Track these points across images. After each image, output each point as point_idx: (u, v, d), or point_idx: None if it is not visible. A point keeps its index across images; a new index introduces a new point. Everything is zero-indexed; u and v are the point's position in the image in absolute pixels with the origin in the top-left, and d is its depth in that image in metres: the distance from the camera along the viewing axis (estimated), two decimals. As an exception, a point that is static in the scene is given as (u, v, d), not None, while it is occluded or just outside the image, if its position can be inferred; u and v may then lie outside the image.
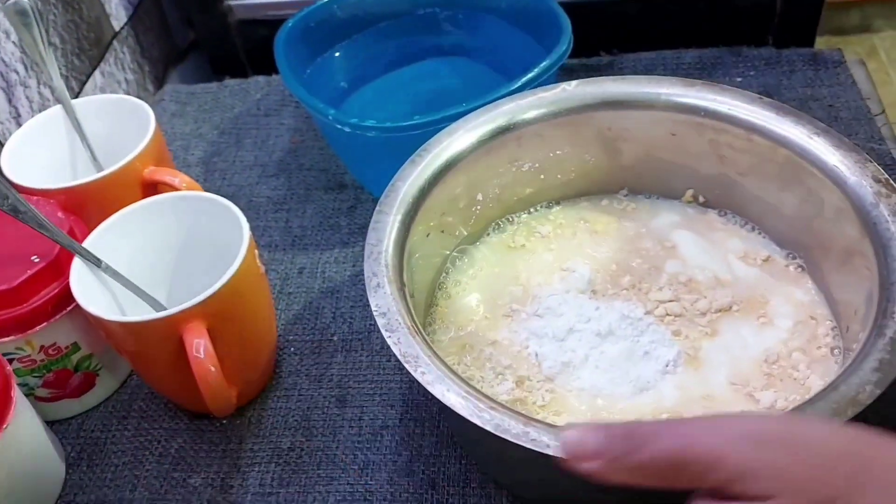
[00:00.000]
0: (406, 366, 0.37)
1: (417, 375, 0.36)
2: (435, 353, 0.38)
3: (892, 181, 0.44)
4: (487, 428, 0.34)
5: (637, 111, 0.51)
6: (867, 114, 0.67)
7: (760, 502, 0.27)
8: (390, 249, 0.43)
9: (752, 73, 0.71)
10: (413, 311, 0.41)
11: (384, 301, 0.40)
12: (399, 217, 0.45)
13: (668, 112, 0.51)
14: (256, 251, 0.49)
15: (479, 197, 0.53)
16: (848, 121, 0.66)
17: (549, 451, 0.33)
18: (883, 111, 0.68)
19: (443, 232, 0.51)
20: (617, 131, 0.53)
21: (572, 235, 0.54)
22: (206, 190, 0.67)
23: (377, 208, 0.46)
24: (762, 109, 0.48)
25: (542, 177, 0.54)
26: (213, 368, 0.43)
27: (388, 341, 0.38)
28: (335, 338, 0.56)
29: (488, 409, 0.35)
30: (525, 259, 0.53)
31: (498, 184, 0.53)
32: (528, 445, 0.33)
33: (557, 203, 0.56)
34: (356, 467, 0.48)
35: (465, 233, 0.53)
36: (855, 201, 0.44)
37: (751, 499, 0.27)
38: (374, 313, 0.39)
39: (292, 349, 0.56)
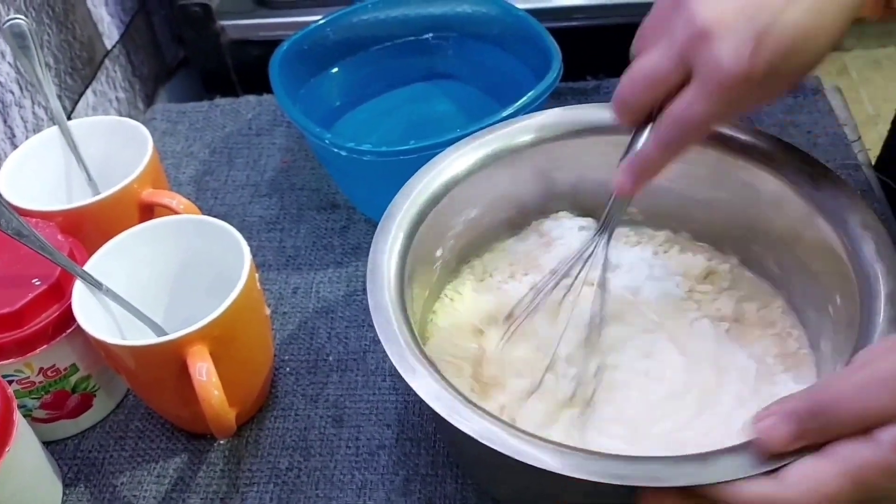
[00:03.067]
0: (434, 407, 0.38)
1: (452, 419, 0.37)
2: (458, 391, 0.39)
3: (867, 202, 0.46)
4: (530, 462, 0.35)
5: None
6: (844, 140, 0.69)
7: None
8: (392, 282, 0.45)
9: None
10: (422, 345, 0.42)
11: (398, 348, 0.41)
12: (395, 258, 0.46)
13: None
14: (256, 274, 0.50)
15: (460, 228, 0.54)
16: (826, 146, 0.68)
17: (595, 479, 0.34)
18: (859, 137, 0.71)
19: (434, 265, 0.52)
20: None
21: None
22: (199, 209, 0.68)
23: (374, 247, 0.46)
24: None
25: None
26: (216, 392, 0.44)
27: (409, 381, 0.39)
28: (330, 358, 0.57)
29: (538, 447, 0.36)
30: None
31: (478, 211, 0.54)
32: (576, 476, 0.35)
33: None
34: (354, 487, 0.49)
35: (451, 260, 0.54)
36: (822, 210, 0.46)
37: None
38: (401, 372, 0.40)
39: (288, 369, 0.56)
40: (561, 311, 0.49)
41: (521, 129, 0.53)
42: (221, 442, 0.52)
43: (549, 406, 0.46)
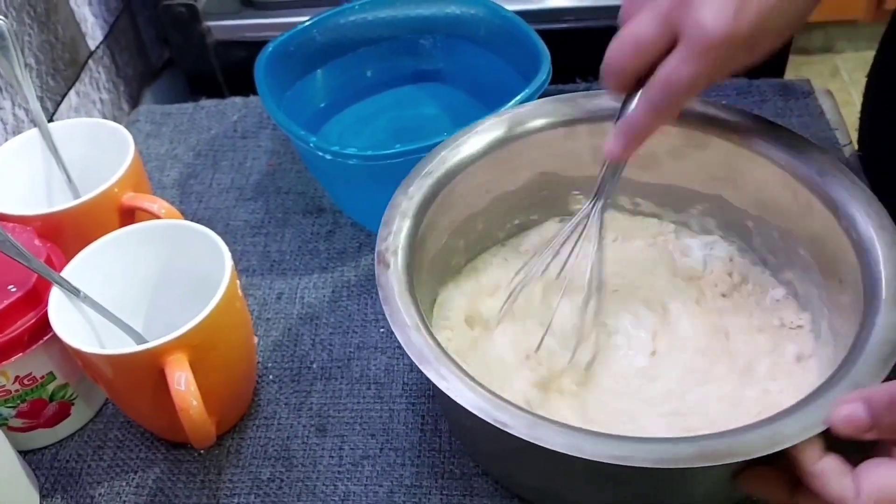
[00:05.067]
0: (465, 405, 0.38)
1: (474, 409, 0.37)
2: (482, 385, 0.39)
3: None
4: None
5: None
6: (835, 144, 0.68)
7: None
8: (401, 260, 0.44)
9: (724, 102, 0.72)
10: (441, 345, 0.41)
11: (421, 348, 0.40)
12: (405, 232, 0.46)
13: None
14: (238, 280, 0.49)
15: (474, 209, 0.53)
16: (817, 151, 0.68)
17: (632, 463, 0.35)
18: (850, 142, 0.70)
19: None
20: None
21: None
22: (182, 213, 0.67)
23: (379, 249, 0.45)
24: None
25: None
26: (195, 402, 0.43)
27: (438, 384, 0.39)
28: (314, 365, 0.56)
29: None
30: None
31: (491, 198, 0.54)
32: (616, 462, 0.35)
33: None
34: (336, 498, 0.48)
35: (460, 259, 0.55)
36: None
37: None
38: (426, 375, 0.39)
39: (271, 377, 0.55)
40: (557, 283, 0.50)
41: (537, 113, 0.53)
42: (202, 451, 0.51)
43: (544, 376, 0.47)
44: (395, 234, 0.45)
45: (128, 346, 0.45)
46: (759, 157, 0.49)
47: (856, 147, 0.70)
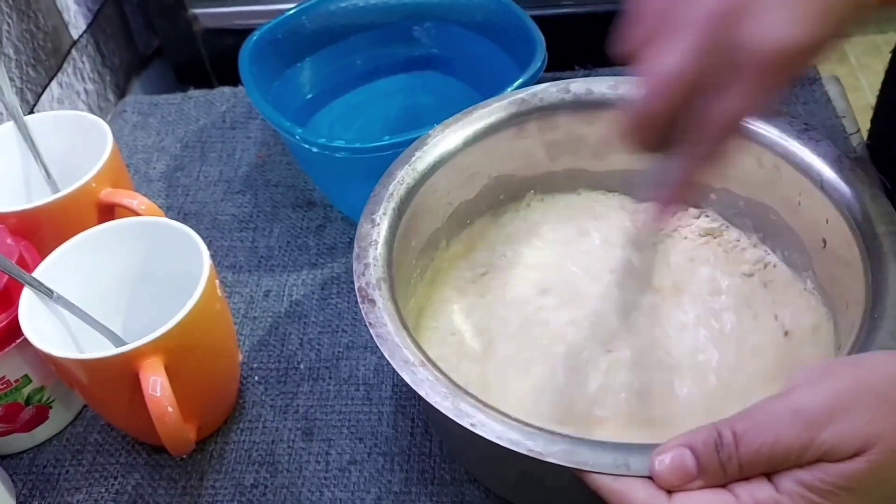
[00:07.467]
0: (455, 418, 0.36)
1: (465, 424, 0.35)
2: (469, 392, 0.37)
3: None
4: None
5: None
6: (842, 132, 0.66)
7: (858, 456, 0.29)
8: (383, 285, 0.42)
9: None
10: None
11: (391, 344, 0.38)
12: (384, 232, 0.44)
13: None
14: (217, 280, 0.47)
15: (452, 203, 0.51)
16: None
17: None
18: (858, 130, 0.68)
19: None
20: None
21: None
22: (168, 207, 0.65)
23: (357, 244, 0.44)
24: None
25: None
26: (170, 408, 0.41)
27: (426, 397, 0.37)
28: (302, 366, 0.54)
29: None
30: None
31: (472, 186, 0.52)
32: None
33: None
34: (322, 506, 0.47)
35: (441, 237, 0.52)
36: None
37: (848, 459, 0.29)
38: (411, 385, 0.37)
39: (256, 378, 0.54)
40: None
41: (519, 102, 0.51)
42: (183, 456, 0.49)
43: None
44: (373, 266, 0.42)
45: (101, 350, 0.43)
46: None
47: (864, 136, 0.68)
